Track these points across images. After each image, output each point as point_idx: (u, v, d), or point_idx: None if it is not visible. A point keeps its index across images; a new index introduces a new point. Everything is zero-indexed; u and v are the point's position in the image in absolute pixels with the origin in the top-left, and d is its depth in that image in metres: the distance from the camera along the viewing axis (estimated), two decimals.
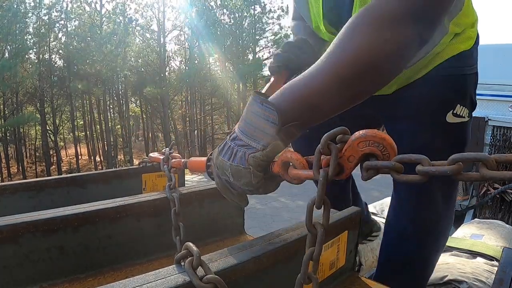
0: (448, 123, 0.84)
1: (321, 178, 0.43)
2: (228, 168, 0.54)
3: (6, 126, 15.18)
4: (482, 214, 2.49)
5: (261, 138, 0.52)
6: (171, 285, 0.44)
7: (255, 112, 0.53)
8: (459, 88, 0.85)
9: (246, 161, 0.52)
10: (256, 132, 0.52)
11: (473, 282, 1.13)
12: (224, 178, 0.57)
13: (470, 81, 0.87)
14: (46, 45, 15.65)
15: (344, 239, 0.74)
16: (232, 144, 0.55)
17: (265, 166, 0.53)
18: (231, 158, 0.54)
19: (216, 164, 0.58)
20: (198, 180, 8.13)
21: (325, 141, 0.43)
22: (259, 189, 0.55)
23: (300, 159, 0.50)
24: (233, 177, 0.54)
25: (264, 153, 0.52)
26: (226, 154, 0.55)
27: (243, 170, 0.52)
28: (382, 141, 0.41)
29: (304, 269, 0.44)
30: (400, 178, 0.39)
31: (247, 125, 0.54)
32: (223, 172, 0.56)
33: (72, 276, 0.74)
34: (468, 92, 0.87)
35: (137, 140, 24.90)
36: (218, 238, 0.97)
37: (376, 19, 0.53)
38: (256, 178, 0.53)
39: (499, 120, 2.66)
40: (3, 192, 0.95)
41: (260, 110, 0.52)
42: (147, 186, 1.18)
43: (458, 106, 0.84)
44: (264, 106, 0.51)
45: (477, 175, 0.34)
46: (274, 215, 5.83)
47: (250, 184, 0.53)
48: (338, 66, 0.52)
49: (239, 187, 0.56)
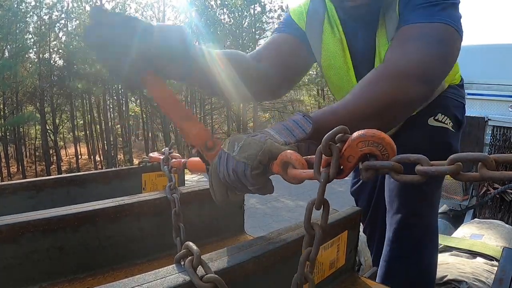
0: (429, 125, 0.98)
1: (322, 179, 0.43)
2: (242, 139, 0.55)
3: (6, 126, 15.18)
4: (482, 214, 2.49)
5: (287, 136, 0.57)
6: (171, 284, 0.44)
7: (294, 119, 0.61)
8: (440, 102, 1.00)
9: (265, 140, 0.54)
10: (286, 131, 0.58)
11: (473, 282, 1.13)
12: (226, 154, 0.56)
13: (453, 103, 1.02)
14: (46, 45, 15.66)
15: (344, 239, 0.74)
16: (257, 132, 0.59)
17: (273, 157, 0.53)
18: (250, 136, 0.56)
19: (229, 140, 0.57)
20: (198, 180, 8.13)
21: (326, 142, 0.43)
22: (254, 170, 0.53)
23: (300, 159, 0.49)
24: (240, 149, 0.54)
25: (281, 147, 0.54)
26: (246, 134, 0.57)
27: (256, 142, 0.54)
28: (381, 141, 0.41)
29: (301, 270, 0.44)
30: (400, 178, 0.39)
31: (280, 125, 0.60)
32: (231, 146, 0.55)
33: (72, 276, 0.74)
34: (449, 108, 1.00)
35: (137, 140, 24.90)
36: (218, 238, 0.97)
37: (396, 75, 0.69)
38: (262, 156, 0.52)
39: (499, 120, 2.66)
40: (3, 192, 0.95)
41: (300, 119, 0.60)
42: (147, 186, 1.18)
43: (439, 114, 0.98)
44: (305, 117, 0.60)
45: (477, 175, 0.34)
46: (274, 215, 5.82)
47: (252, 158, 0.52)
48: (365, 104, 0.66)
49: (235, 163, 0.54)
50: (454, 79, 1.06)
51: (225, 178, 0.57)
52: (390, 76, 0.69)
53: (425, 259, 0.98)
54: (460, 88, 1.07)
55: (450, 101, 1.02)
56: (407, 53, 0.72)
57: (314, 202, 0.44)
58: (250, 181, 0.53)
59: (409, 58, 0.71)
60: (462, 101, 1.06)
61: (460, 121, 1.03)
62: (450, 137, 0.99)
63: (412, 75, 0.69)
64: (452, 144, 0.99)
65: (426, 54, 0.71)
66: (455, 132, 1.01)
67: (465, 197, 2.64)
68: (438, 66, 0.73)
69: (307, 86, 19.69)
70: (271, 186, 0.57)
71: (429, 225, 1.00)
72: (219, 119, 21.45)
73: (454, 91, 1.04)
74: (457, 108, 1.03)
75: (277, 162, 0.53)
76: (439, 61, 0.73)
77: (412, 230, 0.96)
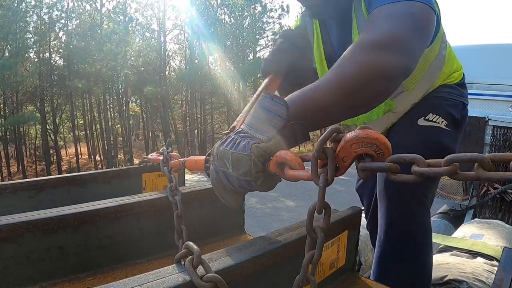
0: (419, 125, 0.97)
1: (321, 184, 0.43)
2: (229, 156, 0.54)
3: (6, 125, 15.17)
4: (482, 214, 2.49)
5: (267, 131, 0.54)
6: (171, 284, 0.44)
7: (264, 106, 0.57)
8: (430, 102, 1.00)
9: (249, 149, 0.52)
10: (263, 125, 0.55)
11: (473, 282, 1.13)
12: (222, 170, 0.56)
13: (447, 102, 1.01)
14: (46, 44, 15.64)
15: (344, 239, 0.74)
16: (235, 136, 0.56)
17: (266, 158, 0.53)
18: (233, 147, 0.54)
19: (216, 154, 0.57)
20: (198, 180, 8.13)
21: (320, 146, 0.43)
22: (258, 181, 0.53)
23: (295, 159, 0.49)
24: (232, 167, 0.54)
25: (267, 144, 0.53)
26: (228, 144, 0.56)
27: (244, 157, 0.52)
28: (375, 141, 0.40)
29: (303, 272, 0.44)
30: (396, 178, 0.39)
31: (254, 119, 0.57)
32: (222, 162, 0.55)
33: (72, 276, 0.74)
34: (442, 107, 1.00)
35: (137, 140, 24.89)
36: (218, 238, 0.97)
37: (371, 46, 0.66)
38: (256, 168, 0.52)
39: (499, 120, 2.65)
40: (3, 192, 0.95)
41: (270, 104, 0.56)
42: (147, 186, 1.18)
43: (430, 114, 0.98)
44: (275, 101, 0.56)
45: (473, 175, 0.34)
46: (274, 215, 5.82)
47: (249, 174, 0.52)
48: (340, 79, 0.62)
49: (236, 179, 0.54)
50: (451, 77, 1.05)
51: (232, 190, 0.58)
52: (365, 48, 0.66)
53: (419, 259, 0.97)
54: (459, 87, 1.06)
55: (443, 100, 1.01)
56: (378, 28, 0.70)
57: (315, 206, 0.44)
58: (258, 189, 0.55)
59: (380, 32, 0.68)
60: (460, 100, 1.04)
61: (457, 120, 1.01)
62: (443, 136, 0.98)
63: (384, 45, 0.65)
64: (444, 143, 0.98)
65: (397, 27, 0.69)
66: (451, 131, 1.00)
67: (465, 197, 2.64)
68: (412, 36, 0.70)
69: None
70: (277, 178, 0.57)
71: (422, 224, 0.98)
72: (219, 119, 21.43)
73: (449, 90, 1.03)
74: (454, 107, 1.02)
75: (273, 163, 0.52)
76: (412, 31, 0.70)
77: (403, 230, 0.95)
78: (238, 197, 0.61)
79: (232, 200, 0.60)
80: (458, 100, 1.04)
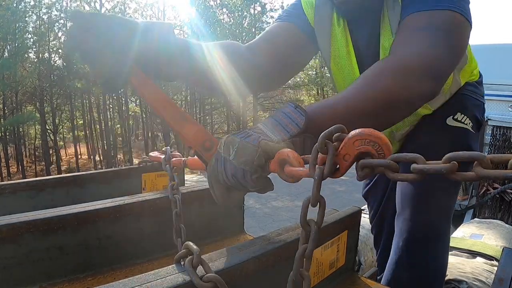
0: (448, 125, 0.93)
1: (316, 176, 0.42)
2: (236, 143, 0.54)
3: (5, 126, 15.17)
4: (482, 214, 2.49)
5: (280, 133, 0.55)
6: (171, 284, 0.44)
7: (286, 112, 0.58)
8: (458, 101, 0.96)
9: (258, 142, 0.53)
10: (278, 127, 0.57)
11: (472, 282, 1.13)
12: (223, 157, 0.55)
13: (472, 102, 0.97)
14: (45, 44, 15.64)
15: (344, 238, 0.74)
16: (249, 131, 0.57)
17: (270, 157, 0.53)
18: (243, 137, 0.54)
19: (224, 141, 0.56)
20: (198, 180, 8.13)
21: (323, 140, 0.43)
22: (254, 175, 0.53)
23: (297, 157, 0.49)
24: (236, 153, 0.53)
25: (276, 145, 0.53)
26: (240, 134, 0.56)
27: (251, 147, 0.52)
28: (378, 140, 0.40)
29: (297, 266, 0.44)
30: (395, 177, 0.39)
31: (272, 121, 0.58)
32: (227, 148, 0.55)
33: (72, 276, 0.74)
34: (468, 107, 0.96)
35: (136, 140, 24.88)
36: (218, 238, 0.97)
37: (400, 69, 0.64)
38: (259, 160, 0.52)
39: (499, 120, 2.66)
40: (2, 192, 0.95)
41: (291, 111, 0.58)
42: (147, 186, 1.18)
43: (458, 113, 0.94)
44: (297, 110, 0.57)
45: (472, 174, 0.34)
46: (274, 215, 5.82)
47: (250, 164, 0.52)
48: (364, 101, 0.62)
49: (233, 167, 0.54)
50: (472, 75, 1.00)
51: (225, 181, 0.56)
52: (393, 71, 0.64)
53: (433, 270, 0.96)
54: (479, 86, 1.02)
55: (469, 100, 0.97)
56: (412, 45, 0.67)
57: (310, 199, 0.44)
58: (250, 184, 0.54)
59: (414, 51, 0.66)
60: (481, 100, 1.01)
61: (480, 122, 0.98)
62: (470, 139, 0.94)
63: (417, 70, 0.64)
64: (472, 147, 0.95)
65: (432, 46, 0.66)
66: (475, 133, 0.96)
67: (465, 197, 2.64)
68: (445, 59, 0.67)
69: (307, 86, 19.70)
70: (271, 184, 0.56)
71: (444, 240, 0.95)
72: (219, 119, 21.44)
73: (472, 88, 0.99)
74: (477, 108, 0.98)
75: (275, 160, 0.52)
76: (447, 53, 0.67)
77: (425, 244, 0.92)
78: (225, 193, 0.59)
79: (219, 194, 0.59)
80: (480, 100, 1.01)
